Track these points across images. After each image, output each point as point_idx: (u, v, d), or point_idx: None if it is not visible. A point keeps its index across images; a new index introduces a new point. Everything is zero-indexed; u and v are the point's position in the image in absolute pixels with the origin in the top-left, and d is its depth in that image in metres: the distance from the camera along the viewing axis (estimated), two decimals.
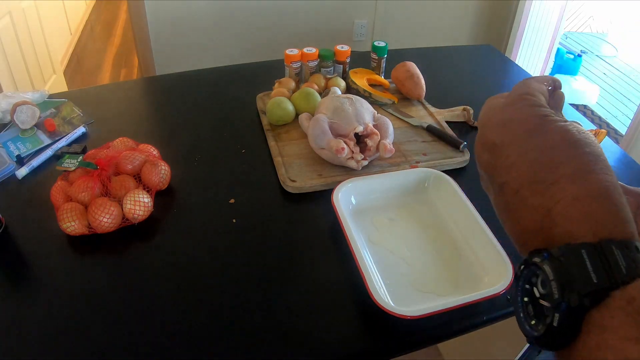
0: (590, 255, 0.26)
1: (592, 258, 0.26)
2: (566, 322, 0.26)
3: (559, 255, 0.27)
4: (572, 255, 0.26)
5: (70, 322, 0.62)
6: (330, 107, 0.92)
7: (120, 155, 0.80)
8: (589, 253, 0.26)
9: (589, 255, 0.26)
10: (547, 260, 0.27)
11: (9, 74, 1.97)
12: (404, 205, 0.81)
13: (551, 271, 0.27)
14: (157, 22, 2.20)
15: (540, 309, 0.28)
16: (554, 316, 0.26)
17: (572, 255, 0.26)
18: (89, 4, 3.91)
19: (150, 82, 1.37)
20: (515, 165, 0.31)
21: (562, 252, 0.27)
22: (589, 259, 0.26)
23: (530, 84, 0.35)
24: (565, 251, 0.27)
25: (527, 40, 2.65)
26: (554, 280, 0.26)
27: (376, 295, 0.60)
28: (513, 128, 0.32)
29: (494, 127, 0.34)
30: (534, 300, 0.28)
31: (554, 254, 0.27)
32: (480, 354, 1.21)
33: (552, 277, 0.26)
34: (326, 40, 2.45)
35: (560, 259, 0.27)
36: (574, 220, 0.27)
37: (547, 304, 0.27)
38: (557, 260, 0.27)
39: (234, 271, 0.70)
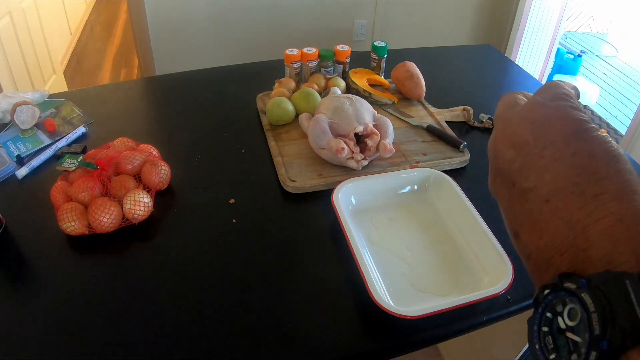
0: (636, 286, 0.22)
1: (637, 290, 0.22)
2: None
3: (599, 283, 0.23)
4: (614, 286, 0.22)
5: (70, 322, 0.62)
6: (330, 107, 0.92)
7: (120, 155, 0.80)
8: (633, 284, 0.22)
9: (633, 287, 0.22)
10: (585, 288, 0.23)
11: (9, 74, 1.97)
12: (404, 205, 0.81)
13: (592, 302, 0.23)
14: (157, 22, 2.20)
15: (563, 342, 0.24)
16: (589, 354, 0.22)
17: (615, 285, 0.22)
18: (89, 4, 3.91)
19: (150, 82, 1.37)
20: (550, 168, 0.27)
21: (603, 280, 0.23)
22: (634, 291, 0.22)
23: (564, 85, 0.31)
24: (607, 279, 0.23)
25: (527, 40, 2.65)
26: (596, 312, 0.22)
27: (376, 295, 0.60)
28: (552, 126, 0.28)
29: (526, 123, 0.29)
30: (556, 331, 0.25)
31: (594, 281, 0.23)
32: (480, 354, 1.21)
33: (594, 309, 0.23)
34: (326, 40, 2.45)
35: (601, 288, 0.23)
36: (616, 244, 0.24)
37: (578, 339, 0.23)
38: (597, 289, 0.23)
39: (234, 271, 0.70)
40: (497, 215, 0.31)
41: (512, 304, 0.66)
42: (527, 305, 0.68)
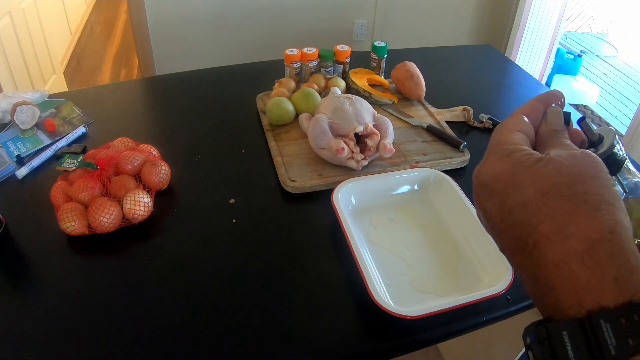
0: (573, 337, 0.23)
1: (574, 341, 0.23)
2: None
3: (543, 338, 0.24)
4: (555, 338, 0.24)
5: (70, 322, 0.62)
6: (330, 107, 0.92)
7: (120, 155, 0.80)
8: (571, 335, 0.23)
9: (570, 338, 0.23)
10: (533, 343, 0.25)
11: (9, 74, 1.97)
12: (403, 205, 0.81)
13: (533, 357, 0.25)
14: (157, 22, 2.20)
15: None
16: None
17: (555, 338, 0.24)
18: (89, 4, 3.92)
19: (150, 82, 1.37)
20: (501, 232, 0.29)
21: (547, 334, 0.24)
22: (571, 343, 0.23)
23: (503, 126, 0.32)
24: (549, 332, 0.24)
25: (527, 40, 2.65)
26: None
27: (376, 295, 0.60)
28: (489, 192, 0.30)
29: (479, 190, 0.32)
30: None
31: (540, 336, 0.24)
32: (480, 354, 1.21)
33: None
34: (326, 40, 2.45)
35: (545, 341, 0.24)
36: (557, 291, 0.24)
37: None
38: (542, 343, 0.24)
39: (234, 271, 0.70)
40: None
41: (512, 304, 0.66)
42: (527, 305, 0.68)
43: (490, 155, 0.31)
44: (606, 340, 0.22)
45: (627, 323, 0.22)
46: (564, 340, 0.23)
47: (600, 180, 0.26)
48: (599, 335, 0.22)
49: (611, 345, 0.22)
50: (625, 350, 0.21)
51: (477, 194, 0.31)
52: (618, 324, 0.22)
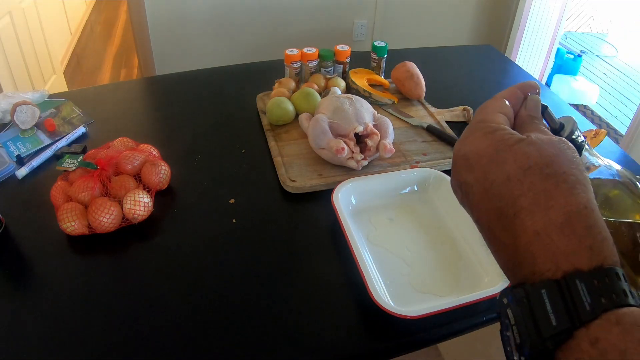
0: (551, 294, 0.25)
1: (552, 298, 0.25)
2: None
3: (521, 296, 0.26)
4: (533, 296, 0.25)
5: (70, 322, 0.62)
6: (330, 107, 0.92)
7: (120, 155, 0.80)
8: (549, 293, 0.25)
9: (549, 296, 0.25)
10: (511, 303, 0.27)
11: (9, 74, 1.97)
12: (403, 205, 0.81)
13: (513, 316, 0.26)
14: (157, 22, 2.20)
15: None
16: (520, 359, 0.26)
17: (534, 295, 0.25)
18: (89, 4, 3.92)
19: (150, 82, 1.37)
20: (479, 203, 0.31)
21: (524, 293, 0.26)
22: (549, 300, 0.25)
23: (487, 107, 0.34)
24: (527, 292, 0.26)
25: (527, 40, 2.65)
26: (515, 325, 0.26)
27: (376, 295, 0.60)
28: (471, 165, 0.32)
29: (455, 166, 0.34)
30: None
31: (517, 296, 0.26)
32: (480, 354, 1.21)
33: (513, 322, 0.26)
34: (326, 40, 2.45)
35: (523, 300, 0.26)
36: (536, 256, 0.26)
37: (513, 346, 0.26)
38: (520, 302, 0.26)
39: (234, 271, 0.70)
40: None
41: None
42: None
43: (473, 131, 0.33)
44: (582, 298, 0.24)
45: (599, 284, 0.24)
46: (543, 298, 0.25)
47: (575, 164, 0.28)
48: (575, 293, 0.24)
49: (586, 302, 0.24)
50: (598, 307, 0.23)
51: (458, 166, 0.33)
52: (591, 284, 0.24)
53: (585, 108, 2.99)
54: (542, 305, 0.25)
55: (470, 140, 0.32)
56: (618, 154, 1.02)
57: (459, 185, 0.33)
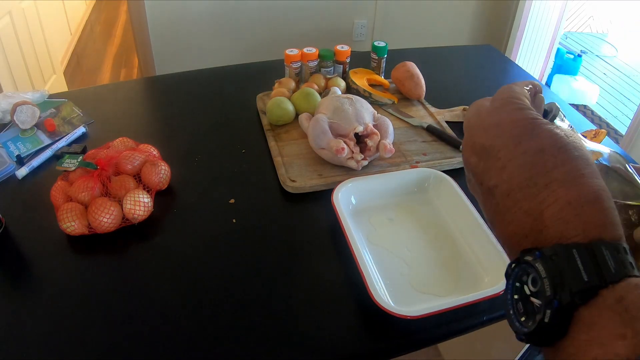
0: (582, 254, 0.27)
1: (583, 257, 0.27)
2: (557, 319, 0.26)
3: (550, 254, 0.28)
4: (563, 254, 0.27)
5: (70, 322, 0.62)
6: (330, 107, 0.92)
7: (120, 155, 0.80)
8: (580, 252, 0.27)
9: (579, 255, 0.27)
10: (539, 258, 0.28)
11: (9, 74, 1.97)
12: (403, 205, 0.81)
13: (543, 269, 0.27)
14: (157, 22, 2.19)
15: (530, 306, 0.29)
16: (545, 313, 0.27)
17: (564, 254, 0.27)
18: (89, 4, 3.91)
19: (150, 82, 1.37)
20: (506, 168, 0.32)
21: (554, 251, 0.28)
22: (580, 258, 0.26)
23: (515, 88, 0.36)
24: (557, 250, 0.27)
25: (527, 40, 2.65)
26: (546, 277, 0.27)
27: (376, 295, 0.60)
28: (503, 131, 0.33)
29: (482, 130, 0.34)
30: (524, 297, 0.29)
31: (546, 252, 0.28)
32: (480, 354, 1.21)
33: (544, 274, 0.27)
34: (326, 40, 2.45)
35: (552, 257, 0.27)
36: (566, 223, 0.28)
37: (538, 301, 0.28)
38: (549, 258, 0.27)
39: (234, 271, 0.70)
40: None
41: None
42: None
43: (506, 103, 0.34)
44: (607, 262, 0.26)
45: (619, 255, 0.26)
46: (574, 256, 0.27)
47: (589, 154, 0.31)
48: (600, 257, 0.26)
49: (611, 266, 0.26)
50: (622, 272, 0.26)
51: (484, 129, 0.34)
52: (615, 252, 0.26)
53: (585, 108, 2.99)
54: (573, 262, 0.27)
55: (505, 110, 0.34)
56: None
57: (480, 149, 0.34)
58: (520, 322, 0.29)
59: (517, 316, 0.30)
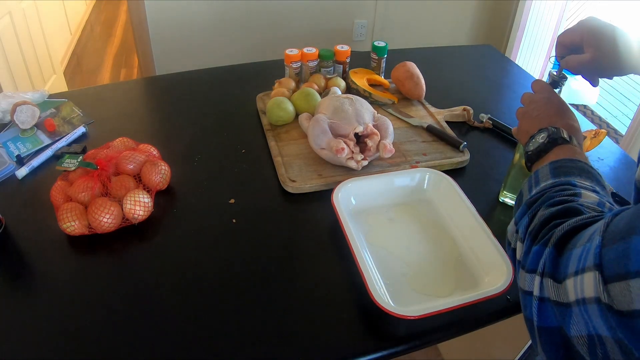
0: (564, 131, 0.58)
1: (563, 131, 0.58)
2: (546, 145, 0.57)
3: (554, 129, 0.58)
4: (559, 130, 0.58)
5: (70, 322, 0.62)
6: (330, 107, 0.92)
7: (120, 155, 0.80)
8: (563, 131, 0.58)
9: (563, 131, 0.58)
10: (549, 129, 0.59)
11: (9, 74, 1.97)
12: (403, 205, 0.81)
13: (552, 130, 0.58)
14: (157, 22, 2.19)
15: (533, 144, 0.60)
16: (544, 139, 0.58)
17: (559, 130, 0.58)
18: (89, 4, 3.91)
19: (150, 82, 1.37)
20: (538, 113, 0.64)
21: (556, 128, 0.58)
22: (563, 131, 0.58)
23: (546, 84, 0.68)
24: (558, 127, 0.59)
25: (527, 40, 2.65)
26: (546, 135, 0.59)
27: (376, 295, 0.60)
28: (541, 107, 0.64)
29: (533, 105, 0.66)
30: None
31: (550, 128, 0.59)
32: (480, 354, 1.21)
33: (553, 131, 0.58)
34: (326, 40, 2.45)
35: (552, 129, 0.58)
36: (559, 123, 0.60)
37: (542, 135, 0.59)
38: (549, 129, 0.59)
39: (234, 271, 0.70)
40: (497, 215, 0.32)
41: (512, 304, 0.66)
42: None
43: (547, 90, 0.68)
44: (573, 137, 0.59)
45: (582, 136, 0.61)
46: (562, 130, 0.58)
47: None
48: (571, 134, 0.59)
49: (577, 138, 0.59)
50: (580, 139, 0.60)
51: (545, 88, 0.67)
52: (579, 135, 0.60)
53: (585, 108, 2.98)
54: (561, 131, 0.58)
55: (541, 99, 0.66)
56: (618, 154, 1.02)
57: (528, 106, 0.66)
58: (527, 146, 0.61)
59: (527, 146, 0.61)
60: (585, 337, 0.36)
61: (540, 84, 0.67)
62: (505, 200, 0.84)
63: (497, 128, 1.04)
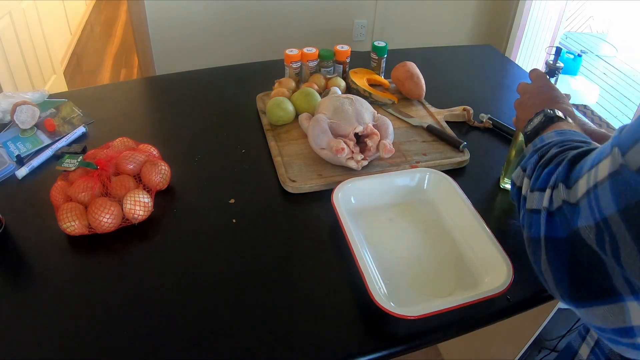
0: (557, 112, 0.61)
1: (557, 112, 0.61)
2: (543, 123, 0.60)
3: (550, 109, 0.62)
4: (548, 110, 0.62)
5: (70, 322, 0.62)
6: (330, 107, 0.92)
7: (120, 155, 0.80)
8: (559, 113, 0.61)
9: (559, 112, 0.61)
10: (545, 111, 0.62)
11: (9, 74, 1.97)
12: (404, 205, 0.81)
13: (547, 111, 0.62)
14: (157, 22, 2.19)
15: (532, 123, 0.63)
16: (540, 118, 0.61)
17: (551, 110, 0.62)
18: (89, 4, 3.91)
19: (150, 82, 1.37)
20: (533, 101, 0.69)
21: (552, 109, 0.62)
22: (558, 112, 0.61)
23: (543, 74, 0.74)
24: (553, 109, 0.62)
25: (527, 40, 2.65)
26: (542, 115, 0.61)
27: (376, 295, 0.60)
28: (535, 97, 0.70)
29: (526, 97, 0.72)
30: None
31: (546, 110, 0.62)
32: (480, 354, 1.21)
33: (550, 111, 0.61)
34: (326, 40, 2.45)
35: (547, 110, 0.61)
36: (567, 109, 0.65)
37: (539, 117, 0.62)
38: (546, 110, 0.62)
39: (234, 271, 0.70)
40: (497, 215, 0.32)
41: (512, 304, 0.66)
42: (527, 305, 0.68)
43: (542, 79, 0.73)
44: (566, 114, 0.62)
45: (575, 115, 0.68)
46: (555, 111, 0.61)
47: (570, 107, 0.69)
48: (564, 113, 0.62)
49: (568, 115, 0.63)
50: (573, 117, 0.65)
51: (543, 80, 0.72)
52: (573, 114, 0.66)
53: (585, 108, 2.98)
54: (556, 111, 0.61)
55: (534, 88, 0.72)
56: None
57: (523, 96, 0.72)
58: (526, 128, 0.63)
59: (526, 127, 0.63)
60: (593, 226, 0.39)
61: (535, 73, 0.73)
62: (506, 187, 0.86)
63: (497, 128, 1.04)
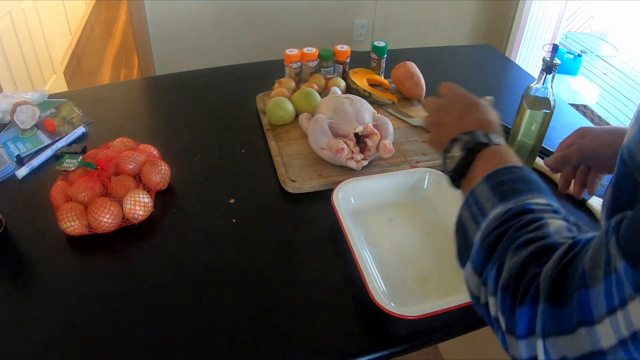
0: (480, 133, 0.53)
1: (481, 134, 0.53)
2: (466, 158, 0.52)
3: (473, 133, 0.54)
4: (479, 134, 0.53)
5: (70, 322, 0.62)
6: (330, 107, 0.92)
7: (120, 155, 0.80)
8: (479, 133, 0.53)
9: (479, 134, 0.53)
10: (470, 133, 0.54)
11: (9, 74, 1.97)
12: (403, 205, 0.81)
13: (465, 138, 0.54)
14: (157, 22, 2.19)
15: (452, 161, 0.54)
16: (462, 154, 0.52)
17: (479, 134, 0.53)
18: (89, 4, 3.91)
19: (150, 82, 1.38)
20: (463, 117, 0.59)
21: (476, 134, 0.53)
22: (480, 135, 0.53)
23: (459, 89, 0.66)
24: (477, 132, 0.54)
25: (527, 40, 2.65)
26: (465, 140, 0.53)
27: (376, 295, 0.60)
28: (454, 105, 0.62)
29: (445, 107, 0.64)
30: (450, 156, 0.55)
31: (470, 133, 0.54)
32: (480, 354, 1.21)
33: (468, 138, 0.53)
34: (326, 40, 2.45)
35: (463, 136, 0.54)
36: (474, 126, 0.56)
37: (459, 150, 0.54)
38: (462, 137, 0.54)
39: (234, 271, 0.70)
40: None
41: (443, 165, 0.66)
42: None
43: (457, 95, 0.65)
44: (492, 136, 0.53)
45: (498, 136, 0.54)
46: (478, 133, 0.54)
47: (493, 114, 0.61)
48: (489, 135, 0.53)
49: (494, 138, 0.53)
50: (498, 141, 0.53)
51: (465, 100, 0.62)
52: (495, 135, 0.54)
53: (585, 108, 2.98)
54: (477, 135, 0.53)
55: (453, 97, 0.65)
56: None
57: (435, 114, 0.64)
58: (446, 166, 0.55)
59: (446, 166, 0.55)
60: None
61: (446, 87, 0.65)
62: None
63: None
